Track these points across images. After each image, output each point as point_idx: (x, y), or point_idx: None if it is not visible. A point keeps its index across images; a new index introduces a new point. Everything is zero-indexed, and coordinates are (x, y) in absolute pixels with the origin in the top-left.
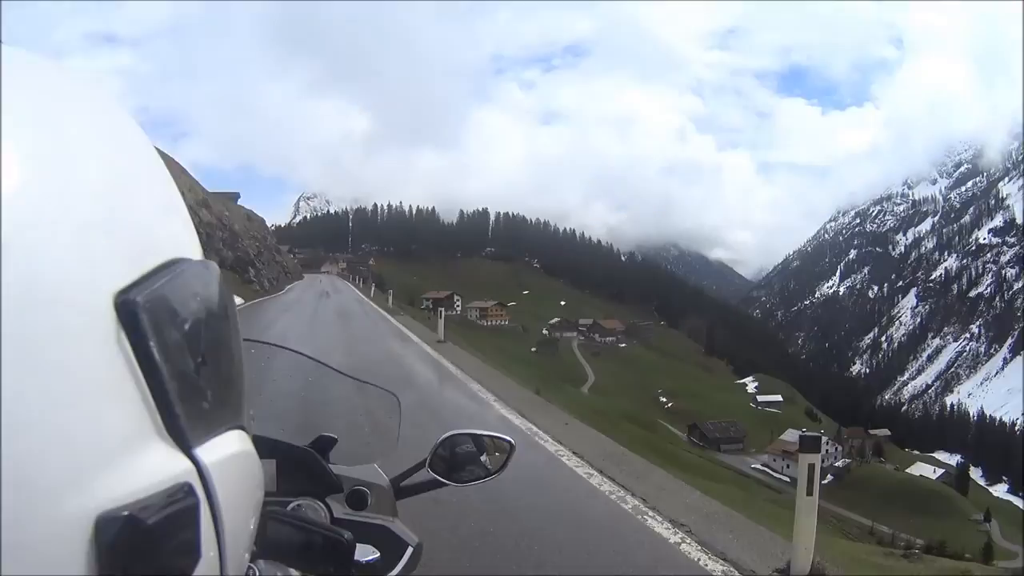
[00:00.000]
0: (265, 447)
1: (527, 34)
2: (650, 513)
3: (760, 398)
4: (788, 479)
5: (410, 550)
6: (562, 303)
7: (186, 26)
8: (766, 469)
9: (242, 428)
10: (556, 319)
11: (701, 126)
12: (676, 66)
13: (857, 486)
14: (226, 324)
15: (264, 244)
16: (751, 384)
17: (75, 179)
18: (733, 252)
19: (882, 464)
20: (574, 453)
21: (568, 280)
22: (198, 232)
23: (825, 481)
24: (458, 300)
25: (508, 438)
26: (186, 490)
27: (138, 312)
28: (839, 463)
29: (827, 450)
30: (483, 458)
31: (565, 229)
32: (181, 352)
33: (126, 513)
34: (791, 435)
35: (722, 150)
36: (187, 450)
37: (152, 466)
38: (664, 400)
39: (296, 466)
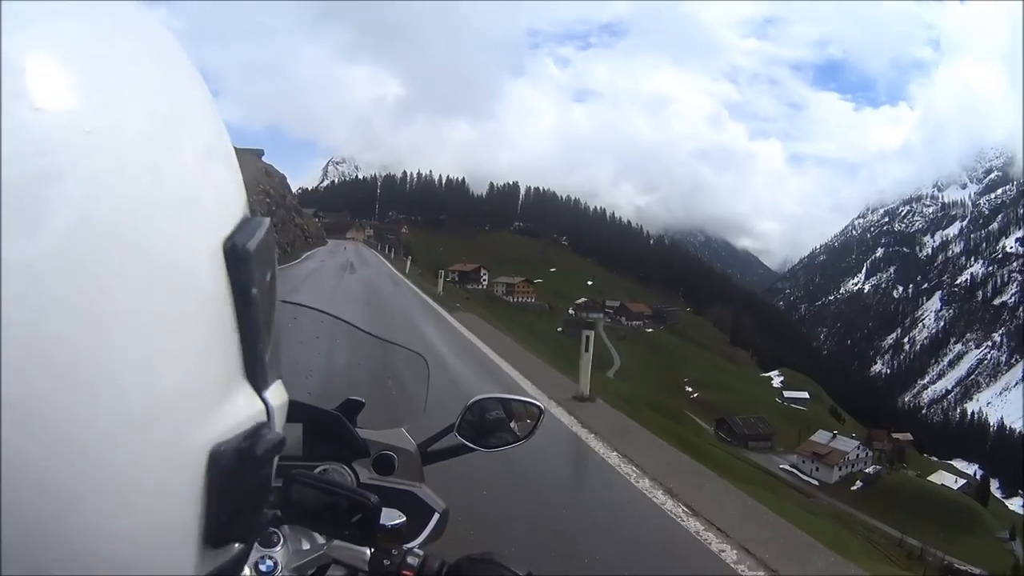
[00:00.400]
0: (291, 411)
1: (564, 9)
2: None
3: (787, 394)
4: (817, 482)
5: (436, 516)
6: (589, 283)
7: None
8: (794, 470)
9: (280, 377)
10: (583, 299)
11: (734, 113)
12: (712, 51)
13: (887, 494)
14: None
15: (280, 202)
16: (776, 378)
17: (180, 127)
18: (759, 241)
19: (905, 470)
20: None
21: (596, 259)
22: None
23: (855, 487)
24: (484, 274)
25: (538, 402)
26: (265, 429)
27: (247, 258)
28: (869, 469)
29: (858, 454)
30: (512, 424)
31: (596, 208)
32: (266, 300)
33: (237, 445)
34: (822, 436)
35: (754, 138)
36: (259, 392)
37: (240, 405)
38: (690, 390)
39: (322, 430)
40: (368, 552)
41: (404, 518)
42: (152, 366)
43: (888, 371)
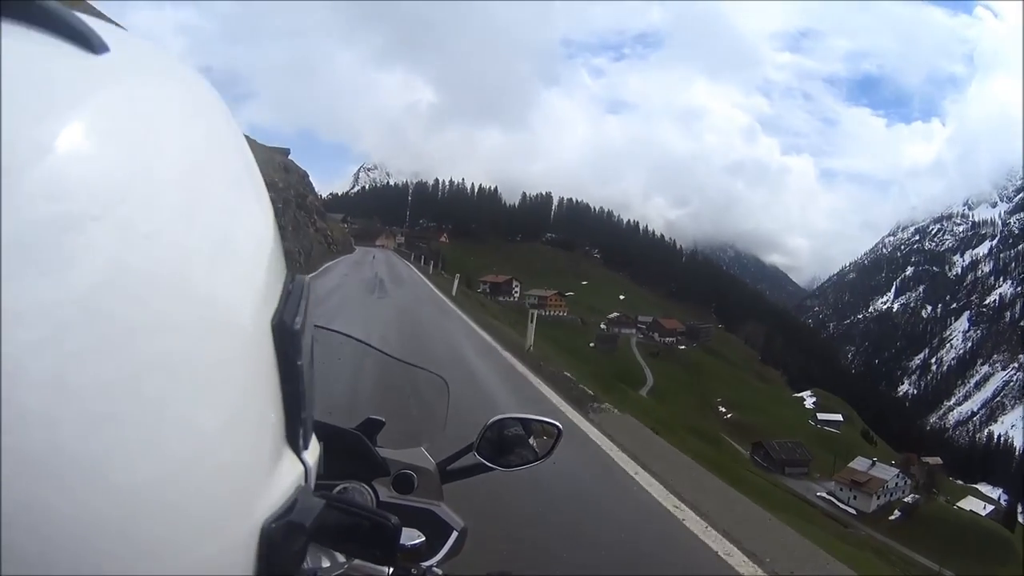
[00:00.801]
0: (313, 430)
1: (598, 20)
2: None
3: (820, 416)
4: (854, 511)
5: (455, 534)
6: (621, 297)
7: None
8: (831, 498)
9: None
10: (615, 313)
11: (766, 127)
12: (746, 64)
13: (925, 525)
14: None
15: (300, 202)
16: (809, 399)
17: (208, 196)
18: (789, 258)
19: (935, 496)
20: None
21: (628, 273)
22: None
23: (893, 517)
24: (517, 286)
25: (556, 423)
26: (305, 492)
27: (295, 338)
28: (908, 499)
29: (896, 483)
30: (531, 441)
31: (629, 220)
32: (309, 366)
33: (285, 518)
34: (861, 463)
35: (786, 153)
36: (299, 454)
37: (285, 473)
38: (723, 410)
39: (343, 449)
40: (388, 571)
41: (423, 537)
42: (193, 423)
43: (915, 391)
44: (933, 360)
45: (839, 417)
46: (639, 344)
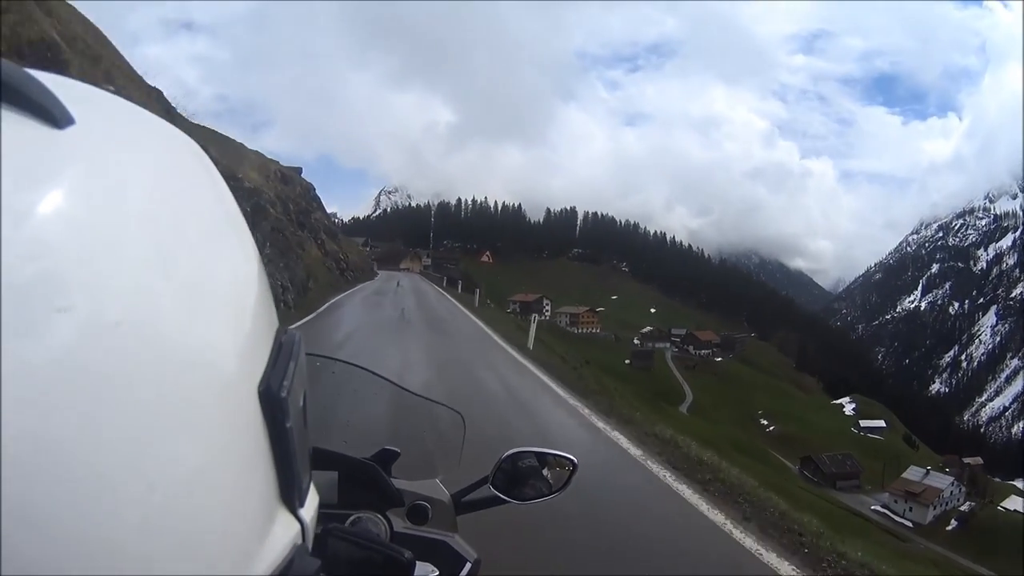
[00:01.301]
0: (327, 459)
1: (611, 32)
2: None
3: (862, 423)
4: (911, 523)
5: (468, 566)
6: (652, 310)
7: (265, 13)
8: (886, 511)
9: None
10: (648, 328)
11: (784, 131)
12: (760, 69)
13: (982, 533)
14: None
15: (301, 219)
16: (848, 406)
17: (189, 251)
18: (813, 262)
19: (990, 503)
20: None
21: (657, 285)
22: None
23: (950, 527)
24: (547, 304)
25: (571, 456)
26: (302, 551)
27: (282, 404)
28: (964, 507)
29: (951, 491)
30: (546, 473)
31: (656, 232)
32: (301, 426)
33: None
34: (914, 473)
35: (805, 156)
36: (295, 512)
37: (279, 533)
38: (765, 423)
39: (357, 479)
40: None
41: (437, 571)
42: (180, 483)
43: (947, 390)
44: (963, 357)
45: (882, 424)
46: (674, 358)
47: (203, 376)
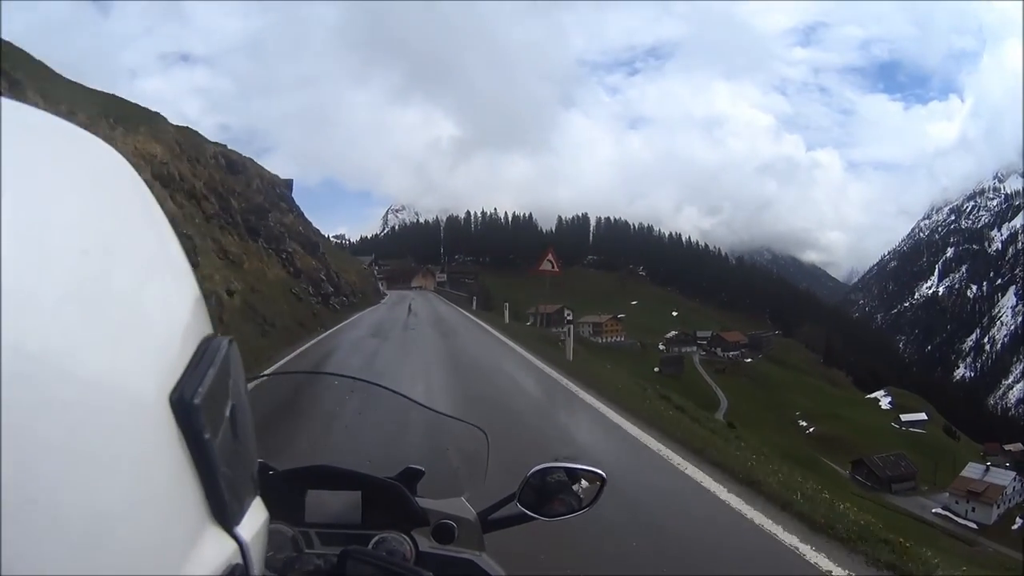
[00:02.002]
0: (350, 480)
1: (608, 37)
2: None
3: (903, 417)
4: (975, 525)
5: None
6: (674, 313)
7: (261, 40)
8: (948, 514)
9: (258, 494)
10: (672, 332)
11: (787, 125)
12: (759, 64)
13: None
14: (246, 397)
15: (249, 224)
16: (884, 399)
17: (108, 271)
18: (825, 254)
19: None
20: None
21: (676, 288)
22: None
23: (1016, 526)
24: (569, 314)
25: (600, 471)
26: (240, 571)
27: (196, 412)
28: None
29: (1014, 487)
30: (575, 488)
31: (671, 233)
32: (226, 438)
33: None
34: (974, 471)
35: (811, 149)
36: (231, 531)
37: (208, 553)
38: (804, 424)
39: (381, 499)
40: None
41: None
42: (91, 506)
43: (972, 374)
44: (986, 340)
45: (923, 416)
46: (703, 362)
47: (118, 399)
